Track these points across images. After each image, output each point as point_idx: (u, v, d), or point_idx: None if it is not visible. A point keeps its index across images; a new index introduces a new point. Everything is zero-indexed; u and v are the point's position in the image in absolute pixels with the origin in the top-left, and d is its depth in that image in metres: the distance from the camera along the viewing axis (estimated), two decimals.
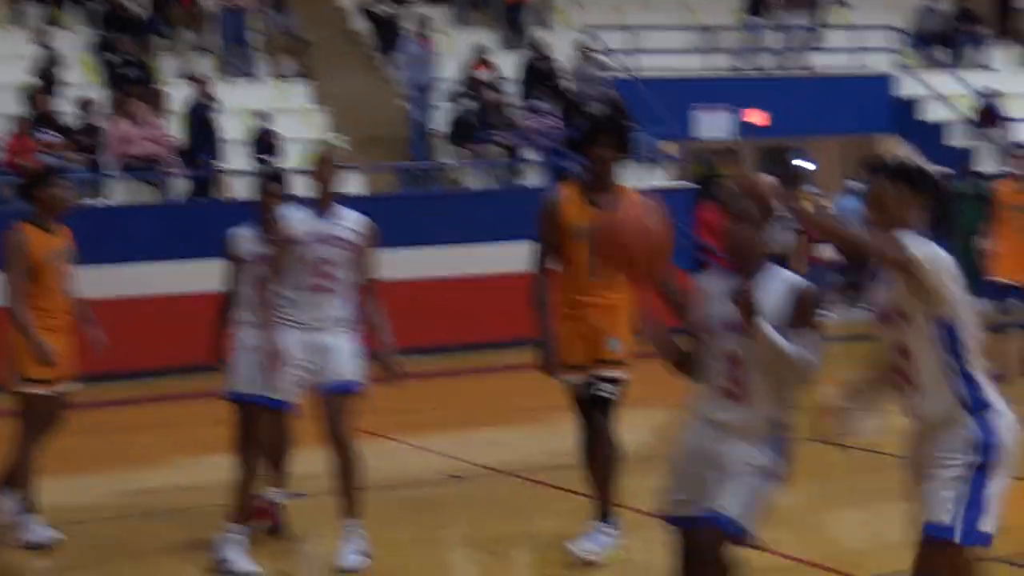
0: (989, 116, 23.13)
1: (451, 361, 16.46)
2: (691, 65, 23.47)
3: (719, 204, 20.54)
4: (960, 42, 25.38)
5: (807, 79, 23.95)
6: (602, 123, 8.00)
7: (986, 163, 22.75)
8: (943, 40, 25.27)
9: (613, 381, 7.64)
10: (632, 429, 8.25)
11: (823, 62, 24.43)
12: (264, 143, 18.51)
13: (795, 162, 23.71)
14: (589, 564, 7.69)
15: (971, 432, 5.04)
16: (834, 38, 24.70)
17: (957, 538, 5.03)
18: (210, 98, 18.64)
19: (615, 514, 7.83)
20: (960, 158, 22.22)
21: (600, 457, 7.71)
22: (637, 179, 16.70)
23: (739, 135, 23.43)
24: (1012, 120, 23.21)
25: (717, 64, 23.87)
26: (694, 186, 21.39)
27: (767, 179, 5.35)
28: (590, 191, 7.67)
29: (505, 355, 15.41)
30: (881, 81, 24.19)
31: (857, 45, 24.45)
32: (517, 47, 22.70)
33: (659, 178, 20.33)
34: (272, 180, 8.47)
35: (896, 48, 24.80)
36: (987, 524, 5.07)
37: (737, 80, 23.61)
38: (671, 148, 21.42)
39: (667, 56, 23.20)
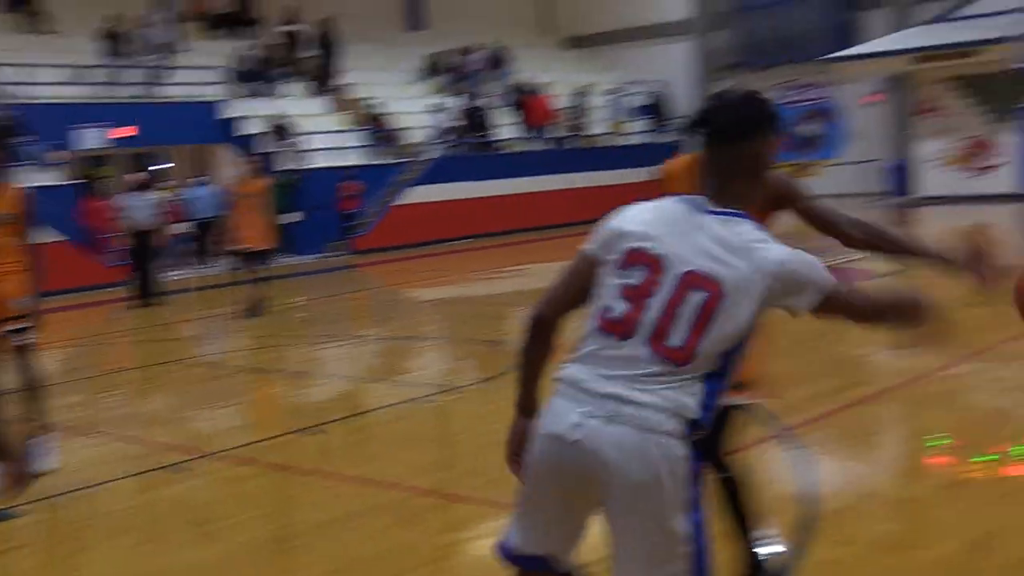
0: (283, 131, 23.81)
1: None
2: (73, 93, 22.41)
3: (101, 197, 20.04)
4: (266, 77, 25.71)
5: (162, 104, 23.51)
6: None
7: (286, 163, 23.46)
8: (255, 76, 25.51)
9: (26, 329, 7.04)
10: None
11: (173, 91, 24.04)
12: None
13: (155, 166, 23.49)
14: (53, 471, 6.99)
15: None
16: (179, 74, 24.36)
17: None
18: None
19: (49, 428, 7.29)
20: (268, 159, 22.73)
21: (31, 388, 7.15)
22: (31, 180, 16.01)
23: (112, 145, 22.75)
24: (299, 134, 24.02)
25: (94, 93, 22.94)
26: (80, 183, 20.88)
27: None
28: None
29: None
30: (213, 106, 24.10)
31: (196, 80, 24.24)
32: None
33: (50, 179, 19.60)
34: None
35: (223, 81, 24.79)
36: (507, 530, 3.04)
37: (110, 104, 22.79)
38: (62, 156, 20.64)
39: (55, 87, 22.07)
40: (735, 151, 2.85)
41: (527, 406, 3.07)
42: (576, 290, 2.96)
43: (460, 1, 32.88)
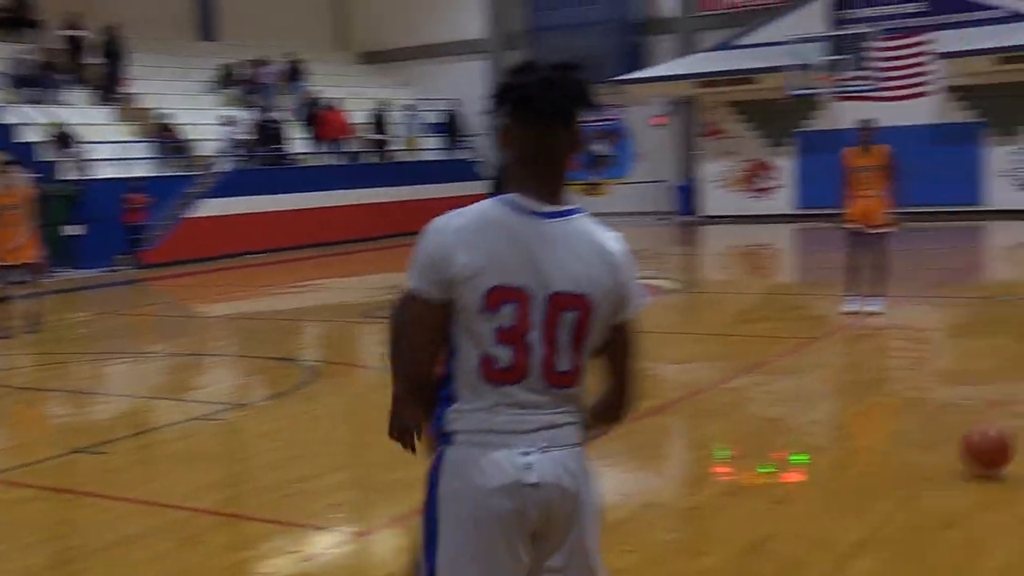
0: (65, 140, 22.93)
1: None
2: None
3: None
4: (46, 83, 24.70)
5: None
6: None
7: (68, 173, 22.57)
8: (35, 81, 24.48)
9: None
10: None
11: None
12: None
13: None
14: None
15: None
16: None
17: None
18: None
19: None
20: (48, 169, 21.84)
21: None
22: None
23: None
24: (82, 143, 23.15)
25: None
26: None
27: None
28: None
29: None
30: None
31: None
32: None
33: None
34: None
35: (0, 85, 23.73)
36: None
37: None
38: None
39: None
40: (566, 131, 2.61)
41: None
42: (435, 341, 2.64)
43: (253, 12, 32.37)
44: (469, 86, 33.11)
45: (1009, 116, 25.43)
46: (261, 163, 26.33)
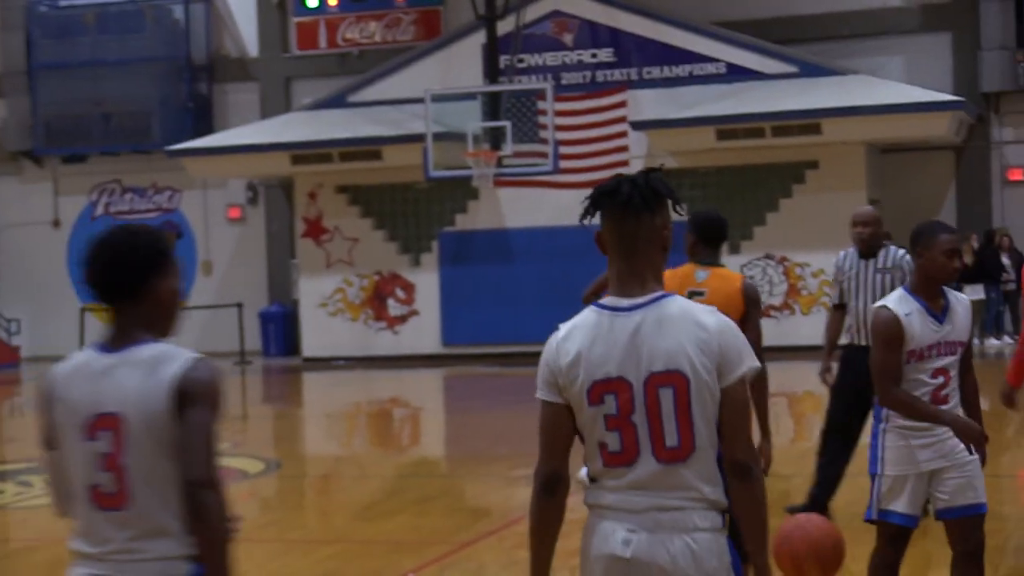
0: None
1: None
2: None
3: None
4: None
5: None
6: None
7: None
8: None
9: None
10: None
11: None
12: None
13: None
14: None
15: None
16: None
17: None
18: None
19: None
20: None
21: None
22: None
23: None
24: None
25: None
26: None
27: None
28: None
29: None
30: None
31: None
32: None
33: None
34: None
35: None
36: None
37: None
38: None
39: None
40: (639, 222, 4.21)
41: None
42: (559, 439, 4.26)
43: None
44: None
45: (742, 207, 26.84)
46: None
